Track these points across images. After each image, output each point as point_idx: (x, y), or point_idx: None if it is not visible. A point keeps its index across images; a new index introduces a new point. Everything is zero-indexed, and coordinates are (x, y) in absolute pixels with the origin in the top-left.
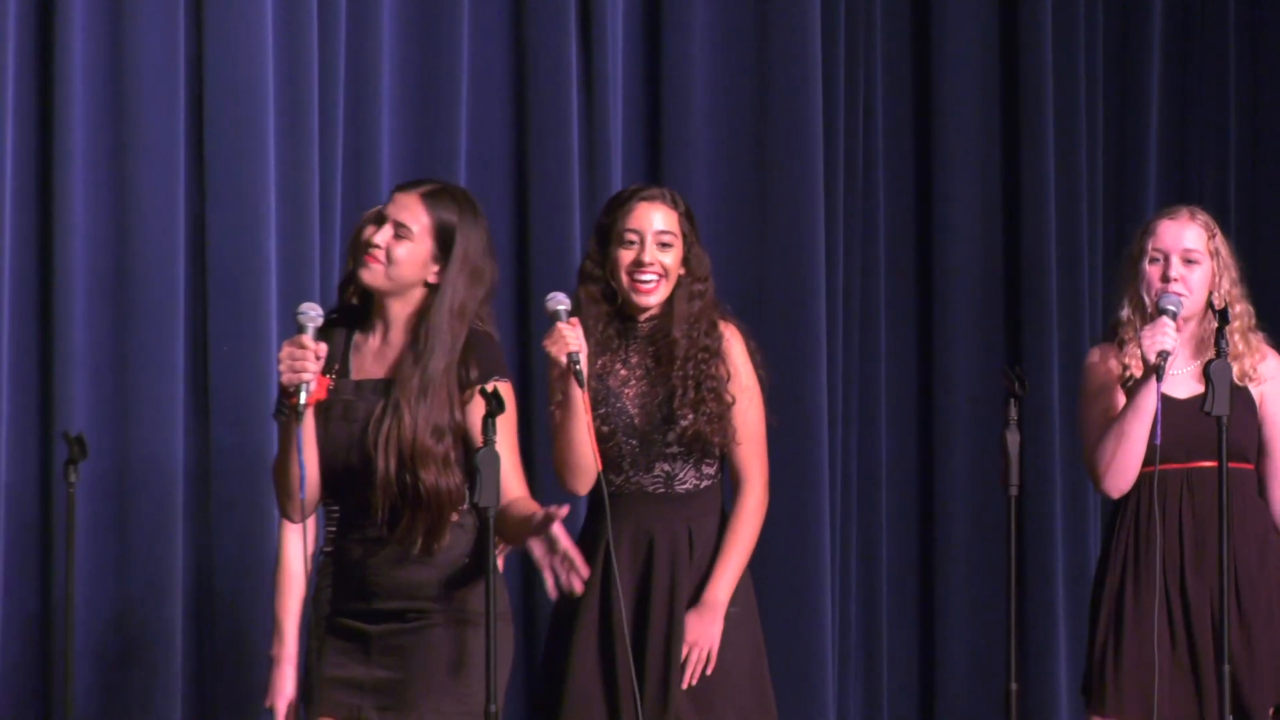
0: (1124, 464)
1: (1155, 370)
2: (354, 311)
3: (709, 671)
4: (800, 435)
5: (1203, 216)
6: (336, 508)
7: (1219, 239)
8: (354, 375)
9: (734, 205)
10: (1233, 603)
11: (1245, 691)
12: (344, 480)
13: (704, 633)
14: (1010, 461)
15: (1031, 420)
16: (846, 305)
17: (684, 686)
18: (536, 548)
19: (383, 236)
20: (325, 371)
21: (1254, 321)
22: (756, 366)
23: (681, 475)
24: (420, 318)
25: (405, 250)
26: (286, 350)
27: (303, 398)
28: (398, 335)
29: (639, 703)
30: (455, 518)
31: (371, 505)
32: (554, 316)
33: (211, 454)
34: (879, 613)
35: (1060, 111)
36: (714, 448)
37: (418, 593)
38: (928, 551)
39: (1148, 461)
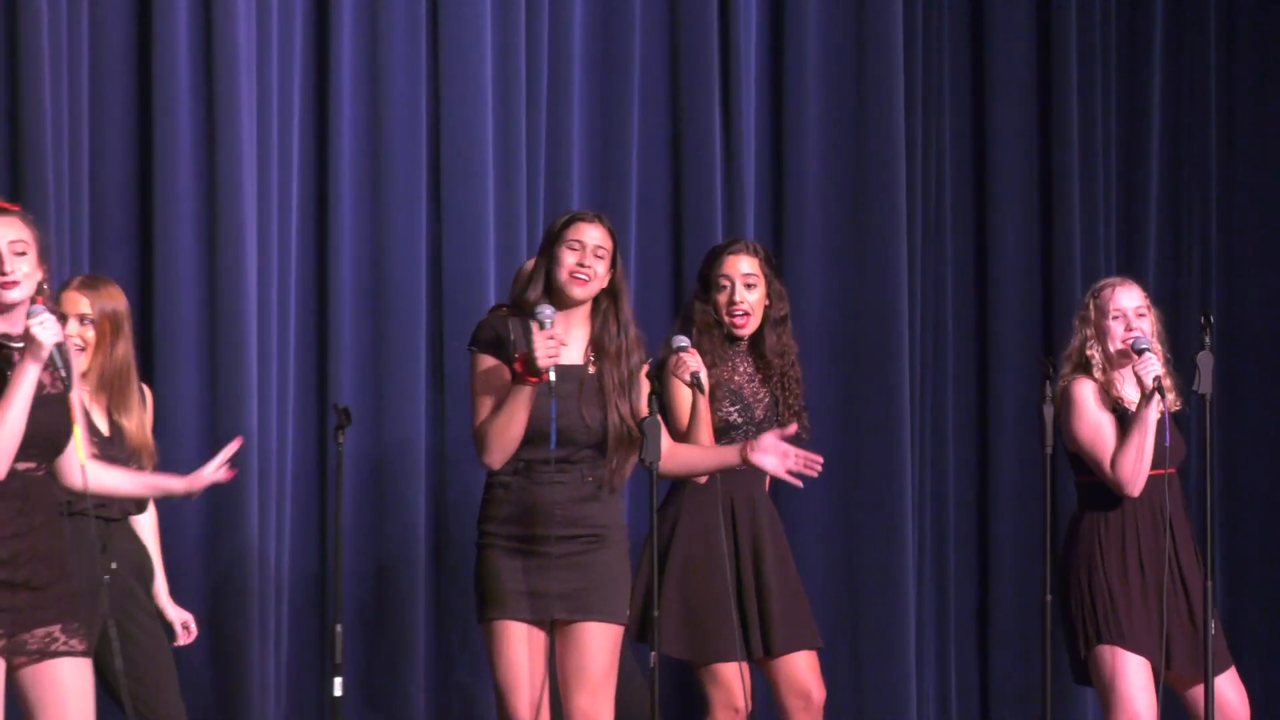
0: (1145, 470)
1: (1158, 391)
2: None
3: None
4: (886, 434)
5: (1137, 283)
6: (524, 459)
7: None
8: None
9: (837, 243)
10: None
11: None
12: (546, 437)
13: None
14: (1045, 427)
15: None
16: (922, 322)
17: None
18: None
19: (590, 260)
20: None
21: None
22: None
23: None
24: (597, 313)
25: (603, 268)
26: (544, 337)
27: (552, 375)
28: (577, 325)
29: (739, 604)
30: None
31: (571, 457)
32: (679, 349)
33: (446, 422)
34: (948, 563)
35: (1084, 181)
36: None
37: (591, 522)
38: (983, 508)
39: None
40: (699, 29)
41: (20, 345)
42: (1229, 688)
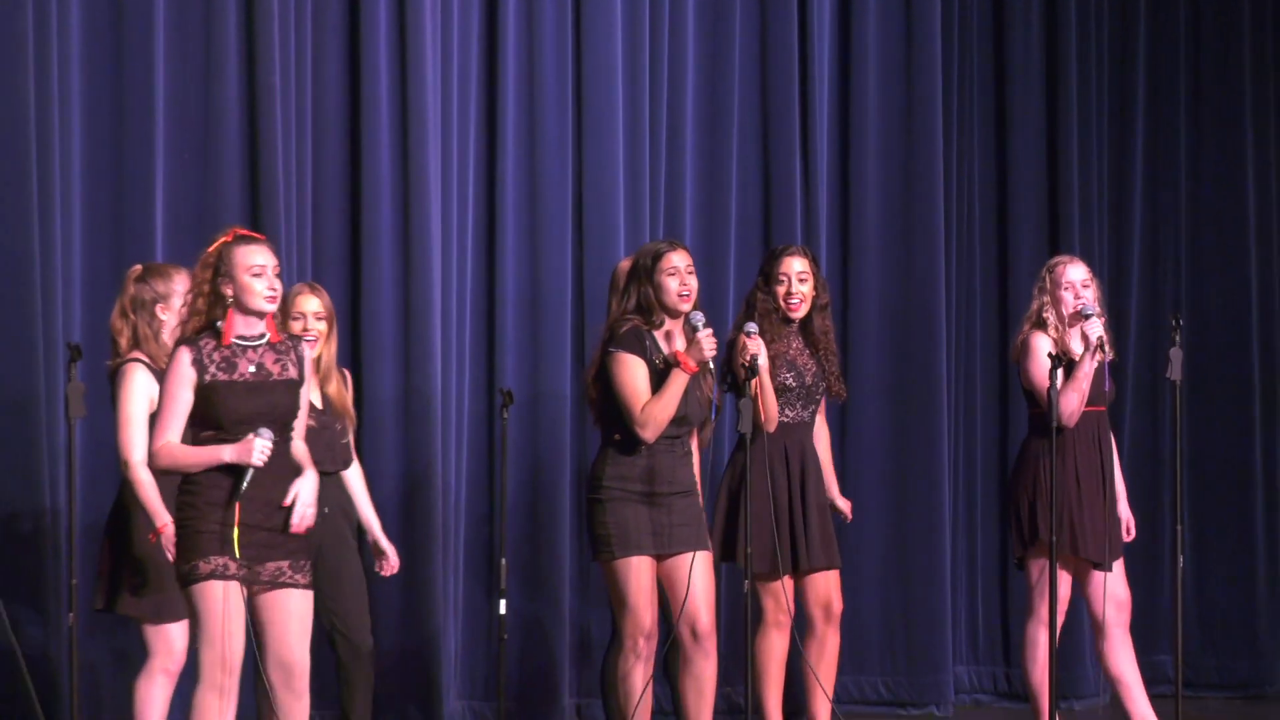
0: (1081, 408)
1: (1100, 346)
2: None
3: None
4: (928, 404)
5: (1082, 261)
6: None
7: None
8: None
9: (888, 245)
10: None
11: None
12: (684, 419)
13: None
14: (1054, 404)
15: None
16: (956, 320)
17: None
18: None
19: (689, 281)
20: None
21: None
22: None
23: (814, 412)
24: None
25: (696, 283)
26: (707, 335)
27: (712, 365)
28: (678, 334)
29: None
30: None
31: (680, 433)
32: (749, 333)
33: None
34: (975, 509)
35: (1082, 197)
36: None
37: (687, 480)
38: (1003, 464)
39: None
40: (782, 92)
41: (257, 344)
42: (1118, 581)
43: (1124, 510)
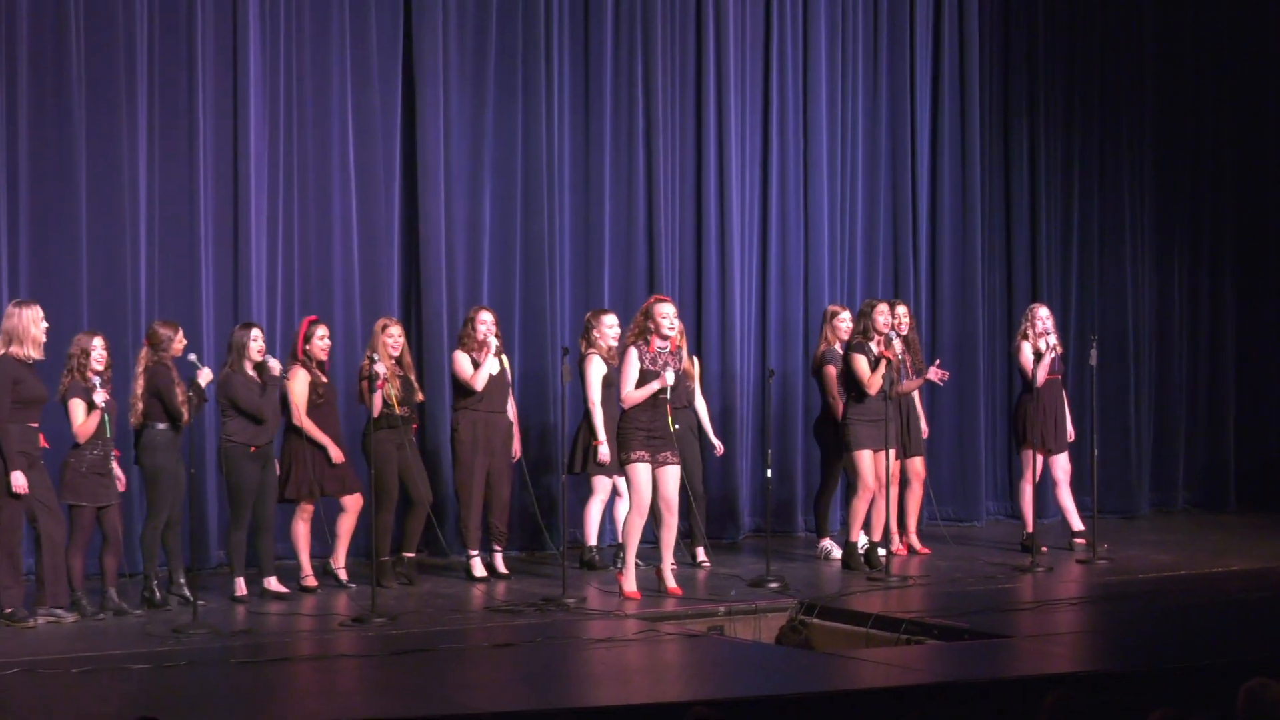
0: (1046, 378)
1: (1050, 350)
2: None
3: None
4: (970, 364)
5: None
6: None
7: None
8: None
9: (956, 270)
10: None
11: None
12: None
13: None
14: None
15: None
16: (994, 317)
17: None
18: None
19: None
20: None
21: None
22: None
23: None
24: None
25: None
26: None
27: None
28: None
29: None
30: None
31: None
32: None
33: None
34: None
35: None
36: None
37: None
38: (1010, 400)
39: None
40: (902, 134)
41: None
42: (1063, 460)
43: (1069, 427)
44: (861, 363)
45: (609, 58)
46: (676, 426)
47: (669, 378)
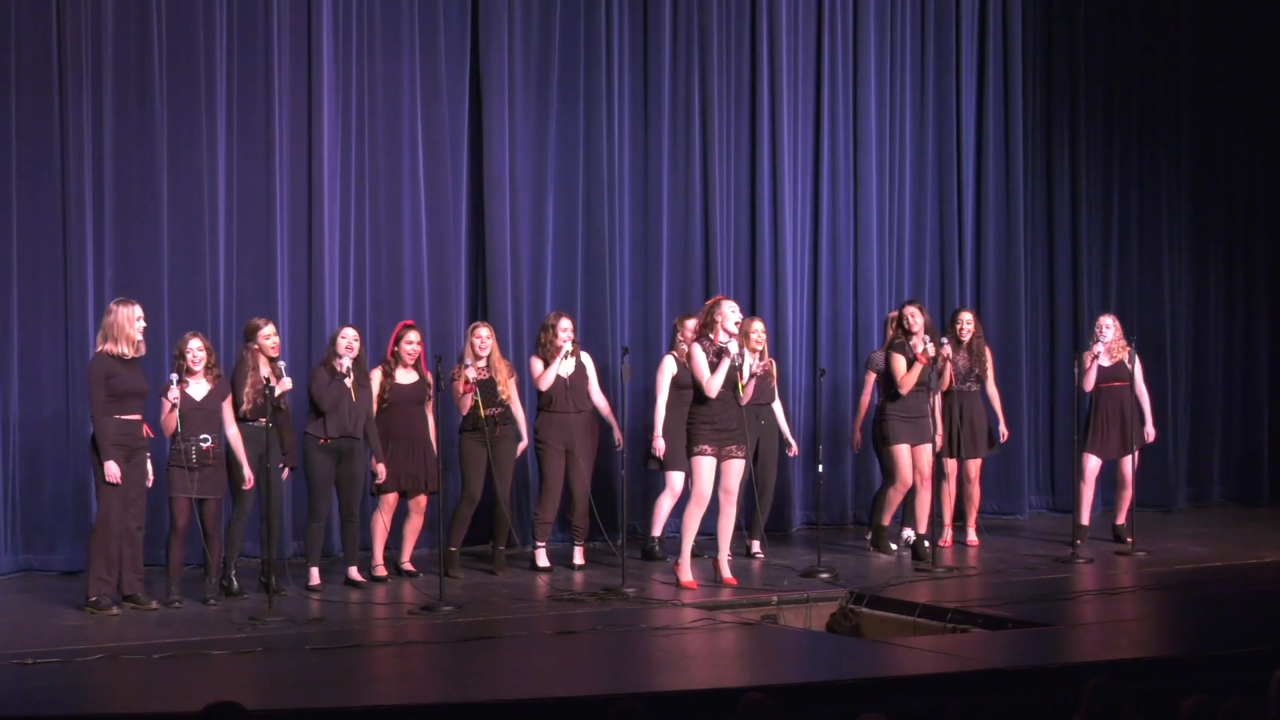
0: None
1: (1094, 359)
2: None
3: None
4: (1014, 360)
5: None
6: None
7: None
8: None
9: (1001, 274)
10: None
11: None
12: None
13: None
14: (1082, 370)
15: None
16: (1036, 315)
17: None
18: None
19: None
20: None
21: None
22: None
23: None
24: None
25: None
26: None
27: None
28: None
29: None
30: None
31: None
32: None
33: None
34: (1039, 419)
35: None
36: None
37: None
38: (1052, 400)
39: (1103, 380)
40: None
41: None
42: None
43: (1149, 429)
44: (900, 362)
45: (667, 71)
46: (763, 423)
47: (732, 348)
